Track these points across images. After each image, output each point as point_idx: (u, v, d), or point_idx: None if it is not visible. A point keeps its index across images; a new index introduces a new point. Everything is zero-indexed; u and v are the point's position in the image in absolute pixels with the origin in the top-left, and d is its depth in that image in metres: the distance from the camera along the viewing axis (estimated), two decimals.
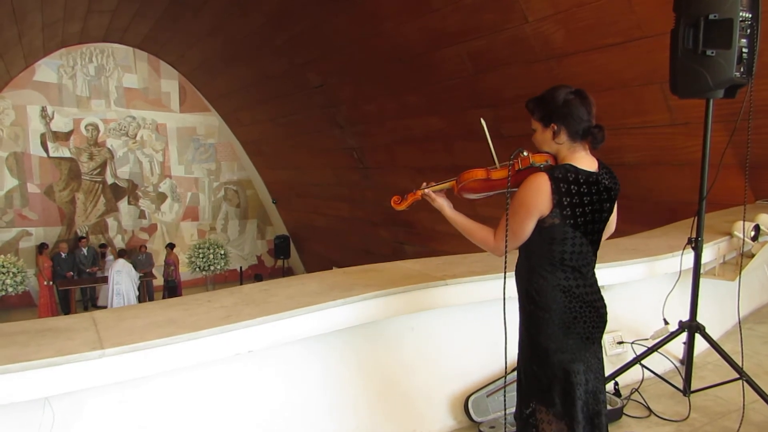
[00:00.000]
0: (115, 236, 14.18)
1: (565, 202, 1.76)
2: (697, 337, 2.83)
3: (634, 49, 4.78)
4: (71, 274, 12.24)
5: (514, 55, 5.94)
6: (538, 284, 1.83)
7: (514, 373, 2.01)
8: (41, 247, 12.53)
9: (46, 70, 12.97)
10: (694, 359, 2.91)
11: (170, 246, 13.27)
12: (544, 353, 1.83)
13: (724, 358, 2.73)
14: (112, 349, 1.81)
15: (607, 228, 1.97)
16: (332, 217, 12.92)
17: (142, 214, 14.46)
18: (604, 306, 1.89)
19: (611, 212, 1.90)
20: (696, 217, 2.77)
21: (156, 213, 14.63)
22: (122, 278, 11.25)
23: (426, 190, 2.01)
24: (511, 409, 2.07)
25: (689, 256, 2.84)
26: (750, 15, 2.49)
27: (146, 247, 13.65)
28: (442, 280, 2.55)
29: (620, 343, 3.16)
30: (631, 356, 3.04)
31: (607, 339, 3.11)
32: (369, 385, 2.54)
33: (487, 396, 2.70)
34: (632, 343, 3.13)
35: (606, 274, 2.73)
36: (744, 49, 2.49)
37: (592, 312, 1.84)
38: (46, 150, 13.16)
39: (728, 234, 3.52)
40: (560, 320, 1.81)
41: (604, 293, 1.92)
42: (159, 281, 13.05)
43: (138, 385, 2.03)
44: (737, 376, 2.67)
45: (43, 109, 13.01)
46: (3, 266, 10.85)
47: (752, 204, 4.51)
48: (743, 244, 3.44)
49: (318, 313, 2.23)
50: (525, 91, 2.46)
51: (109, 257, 13.08)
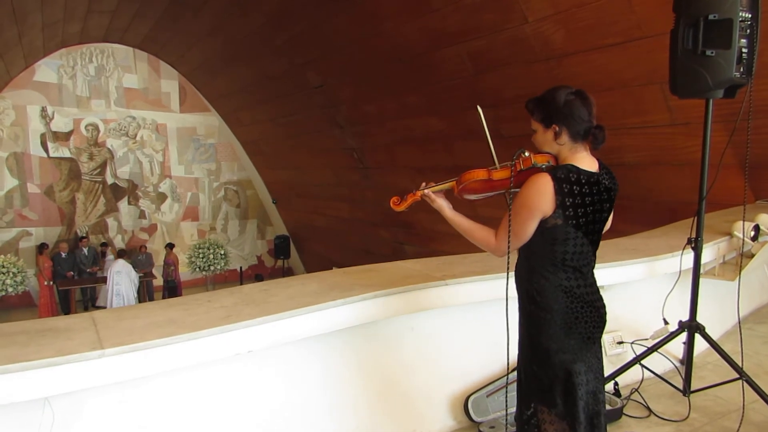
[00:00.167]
0: (115, 236, 14.18)
1: (568, 203, 1.76)
2: (697, 337, 2.83)
3: (634, 49, 4.78)
4: (71, 274, 12.24)
5: (514, 55, 5.94)
6: (540, 284, 1.83)
7: (514, 373, 2.01)
8: (41, 247, 12.54)
9: (46, 70, 12.97)
10: (694, 359, 2.91)
11: (170, 246, 13.27)
12: (545, 354, 1.83)
13: (724, 358, 2.73)
14: (111, 349, 1.81)
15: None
16: (332, 217, 12.92)
17: (142, 214, 14.47)
18: (604, 306, 1.90)
19: (610, 212, 1.91)
20: (696, 217, 2.77)
21: (156, 213, 14.63)
22: (122, 279, 11.23)
23: (425, 191, 2.00)
24: (512, 409, 2.07)
25: (689, 256, 2.85)
26: (750, 15, 2.49)
27: (146, 247, 13.65)
28: (442, 280, 2.55)
29: (620, 343, 3.16)
30: (630, 356, 3.04)
31: (607, 339, 3.11)
32: (369, 385, 2.54)
33: (487, 396, 2.70)
34: (632, 343, 3.13)
35: (606, 274, 2.73)
36: (744, 49, 2.49)
37: (593, 312, 1.84)
38: (46, 150, 13.17)
39: (728, 234, 3.52)
40: (562, 320, 1.81)
41: (603, 293, 1.92)
42: (159, 281, 13.04)
43: (138, 385, 2.03)
44: (737, 376, 2.67)
45: (43, 110, 13.02)
46: (3, 266, 10.85)
47: (752, 204, 4.51)
48: (743, 244, 3.44)
49: (318, 313, 2.23)
50: (525, 91, 2.46)
51: (110, 257, 13.08)
